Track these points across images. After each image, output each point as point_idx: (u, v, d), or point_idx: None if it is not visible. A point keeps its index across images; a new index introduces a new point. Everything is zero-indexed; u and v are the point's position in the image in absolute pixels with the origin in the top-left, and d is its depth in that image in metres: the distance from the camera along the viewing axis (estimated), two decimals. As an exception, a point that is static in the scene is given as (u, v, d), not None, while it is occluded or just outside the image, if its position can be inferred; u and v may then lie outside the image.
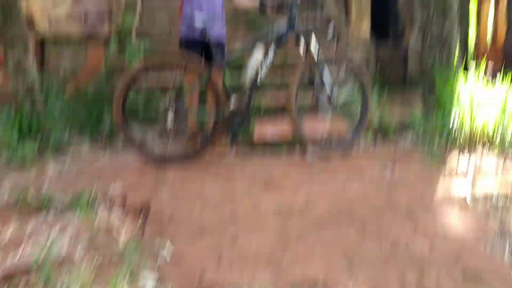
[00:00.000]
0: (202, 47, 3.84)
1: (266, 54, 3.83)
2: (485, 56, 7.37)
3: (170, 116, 3.67)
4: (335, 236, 2.43)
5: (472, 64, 5.99)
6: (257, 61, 3.83)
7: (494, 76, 4.60)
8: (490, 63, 6.62)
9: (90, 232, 2.48)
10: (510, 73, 4.39)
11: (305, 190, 3.08)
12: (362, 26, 6.68)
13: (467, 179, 3.29)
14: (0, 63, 4.22)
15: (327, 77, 3.88)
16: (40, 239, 2.41)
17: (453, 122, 4.10)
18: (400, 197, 2.95)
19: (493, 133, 4.02)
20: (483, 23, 8.50)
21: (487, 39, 8.51)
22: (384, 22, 7.42)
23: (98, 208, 2.77)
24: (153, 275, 2.13)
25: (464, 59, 6.08)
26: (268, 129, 4.17)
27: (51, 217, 2.69)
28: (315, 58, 3.84)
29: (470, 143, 4.03)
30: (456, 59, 4.69)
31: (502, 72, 4.48)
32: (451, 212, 2.77)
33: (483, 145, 4.04)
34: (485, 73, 4.55)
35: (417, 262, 2.17)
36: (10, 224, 2.63)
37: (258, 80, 3.84)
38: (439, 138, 4.07)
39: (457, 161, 3.72)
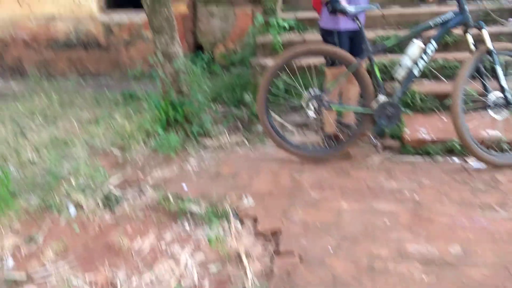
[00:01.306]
0: (347, 36, 3.44)
1: (426, 43, 3.24)
2: None
3: (313, 108, 3.41)
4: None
5: None
6: (416, 51, 3.28)
7: None
8: None
9: (220, 261, 2.43)
10: None
11: (465, 225, 2.57)
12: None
13: None
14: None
15: (500, 70, 3.14)
16: (171, 263, 2.44)
17: None
18: None
19: None
20: None
21: None
22: None
23: (229, 226, 2.71)
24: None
25: None
26: (422, 127, 3.61)
27: (184, 232, 2.72)
28: (487, 48, 3.13)
29: None
30: None
31: None
32: None
33: None
34: None
35: None
36: (148, 234, 2.72)
37: (416, 72, 3.30)
38: None
39: None
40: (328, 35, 3.48)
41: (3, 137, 4.48)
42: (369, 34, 4.28)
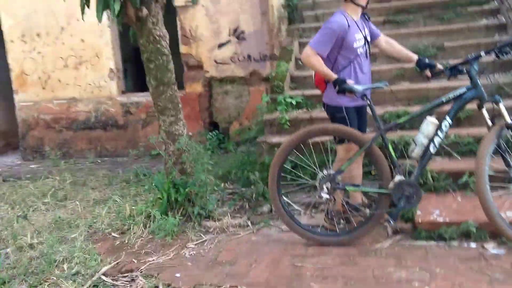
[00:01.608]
0: (355, 111, 3.38)
1: (441, 119, 3.12)
2: None
3: (324, 189, 3.26)
4: None
5: None
6: (430, 128, 3.16)
7: None
8: None
9: None
10: None
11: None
12: None
13: None
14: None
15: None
16: None
17: None
18: None
19: None
20: None
21: None
22: None
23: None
24: None
25: None
26: (435, 208, 3.37)
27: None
28: (506, 123, 2.97)
29: None
30: None
31: None
32: None
33: None
34: None
35: None
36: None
37: (432, 149, 3.15)
38: None
39: None
40: (336, 111, 3.40)
41: (8, 219, 4.45)
42: (378, 110, 4.16)
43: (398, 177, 3.20)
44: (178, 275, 2.99)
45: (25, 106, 7.76)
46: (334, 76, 3.26)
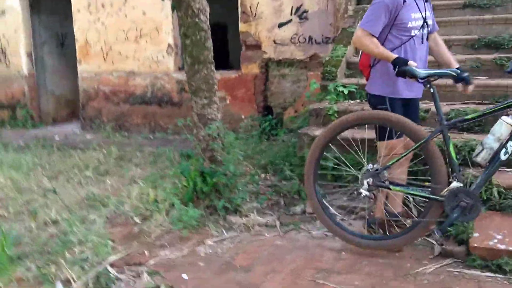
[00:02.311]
0: (401, 104, 2.93)
1: None
2: None
3: (365, 185, 2.84)
4: None
5: None
6: (504, 130, 2.61)
7: None
8: None
9: None
10: None
11: None
12: None
13: None
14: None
15: None
16: None
17: None
18: None
19: None
20: None
21: None
22: None
23: None
24: None
25: None
26: (497, 231, 2.78)
27: None
28: None
29: None
30: None
31: None
32: None
33: None
34: None
35: None
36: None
37: (503, 156, 2.60)
38: None
39: None
40: (378, 102, 2.94)
41: (43, 190, 4.42)
42: (443, 108, 3.58)
43: (455, 184, 2.68)
44: (185, 276, 2.69)
45: (87, 77, 7.85)
46: (393, 55, 2.77)
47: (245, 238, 3.18)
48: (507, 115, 2.66)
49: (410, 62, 2.73)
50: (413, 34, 2.83)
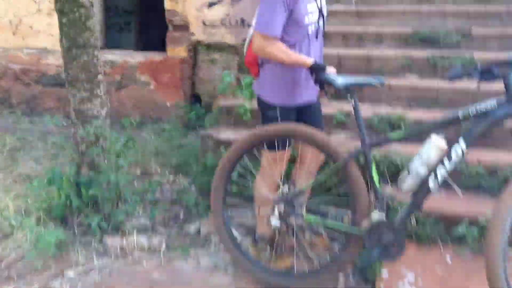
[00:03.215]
0: (295, 112, 2.45)
1: (451, 145, 2.07)
2: None
3: (275, 213, 2.36)
4: None
5: None
6: (434, 154, 2.11)
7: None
8: None
9: None
10: None
11: None
12: None
13: None
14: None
15: None
16: None
17: None
18: None
19: None
20: None
21: None
22: None
23: None
24: None
25: None
26: (410, 269, 2.34)
27: None
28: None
29: None
30: None
31: None
32: None
33: None
34: None
35: None
36: None
37: (432, 184, 2.11)
38: None
39: None
40: (267, 108, 2.43)
41: None
42: (366, 111, 3.11)
43: (376, 215, 2.21)
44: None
45: (-6, 53, 6.92)
46: (309, 60, 2.26)
47: (118, 268, 2.59)
48: (438, 133, 2.19)
49: (329, 69, 2.27)
50: (310, 32, 2.32)
